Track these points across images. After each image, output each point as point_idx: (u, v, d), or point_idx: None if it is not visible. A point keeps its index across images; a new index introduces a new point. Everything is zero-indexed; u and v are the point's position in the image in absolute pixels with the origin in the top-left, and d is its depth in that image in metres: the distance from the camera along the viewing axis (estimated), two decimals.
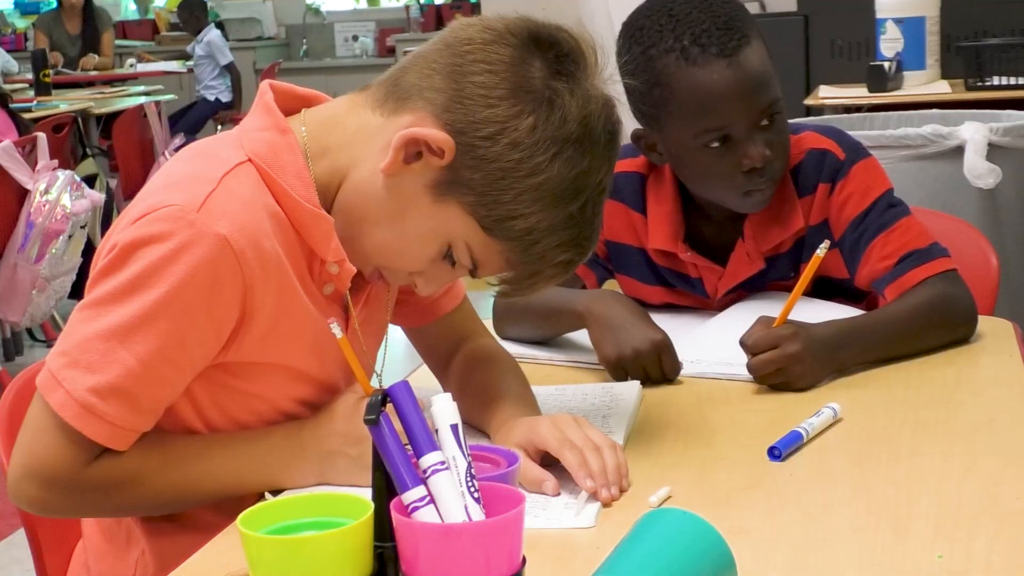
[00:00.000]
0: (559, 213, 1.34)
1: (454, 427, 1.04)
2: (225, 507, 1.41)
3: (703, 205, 1.96)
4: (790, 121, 2.03)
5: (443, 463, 1.02)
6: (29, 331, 5.76)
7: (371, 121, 1.40)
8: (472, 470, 1.03)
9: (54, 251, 5.04)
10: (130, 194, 6.39)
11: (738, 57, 1.78)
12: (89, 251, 5.32)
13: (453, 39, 1.37)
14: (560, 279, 1.43)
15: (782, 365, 1.68)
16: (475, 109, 1.32)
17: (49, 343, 5.68)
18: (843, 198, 1.90)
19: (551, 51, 1.35)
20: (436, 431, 1.04)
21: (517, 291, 1.43)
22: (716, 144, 1.82)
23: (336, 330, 1.34)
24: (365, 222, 1.40)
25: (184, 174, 1.38)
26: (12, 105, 6.21)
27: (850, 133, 3.12)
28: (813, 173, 1.92)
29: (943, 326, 1.83)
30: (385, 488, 1.03)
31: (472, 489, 1.02)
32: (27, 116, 6.01)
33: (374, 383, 1.55)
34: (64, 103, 7.02)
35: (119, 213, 4.97)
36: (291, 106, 1.47)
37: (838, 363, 1.73)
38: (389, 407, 1.04)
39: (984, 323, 1.94)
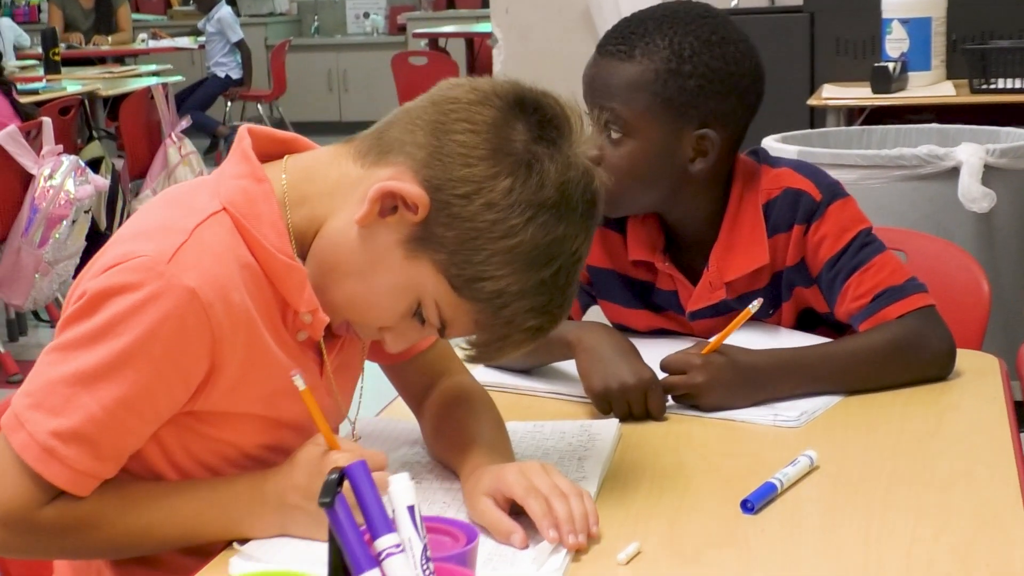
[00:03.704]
0: (530, 278, 1.34)
1: (411, 509, 1.03)
2: (196, 549, 1.41)
3: (674, 228, 1.97)
4: (786, 139, 2.02)
5: (398, 546, 1.02)
6: (35, 312, 5.77)
7: (351, 172, 1.40)
8: (428, 552, 1.02)
9: (57, 236, 5.05)
10: (136, 175, 6.40)
11: (602, 59, 1.88)
12: (93, 235, 5.33)
13: (440, 97, 1.38)
14: (528, 346, 1.42)
15: (688, 391, 1.76)
16: (453, 167, 1.32)
17: (52, 323, 5.69)
18: (818, 239, 1.90)
19: (535, 115, 1.35)
20: (393, 511, 1.04)
21: (484, 355, 1.43)
22: None
23: (299, 382, 1.33)
24: (337, 272, 1.40)
25: (157, 222, 1.38)
26: (22, 86, 6.23)
27: (846, 152, 3.13)
28: (788, 212, 1.91)
29: (907, 364, 1.83)
30: (341, 569, 1.02)
31: (427, 572, 1.02)
32: (34, 99, 6.02)
33: (346, 429, 1.55)
34: (73, 83, 7.01)
35: (124, 196, 4.94)
36: (270, 150, 1.47)
37: (768, 392, 1.78)
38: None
39: (970, 359, 1.93)
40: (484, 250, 1.32)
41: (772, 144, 3.20)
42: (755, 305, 1.76)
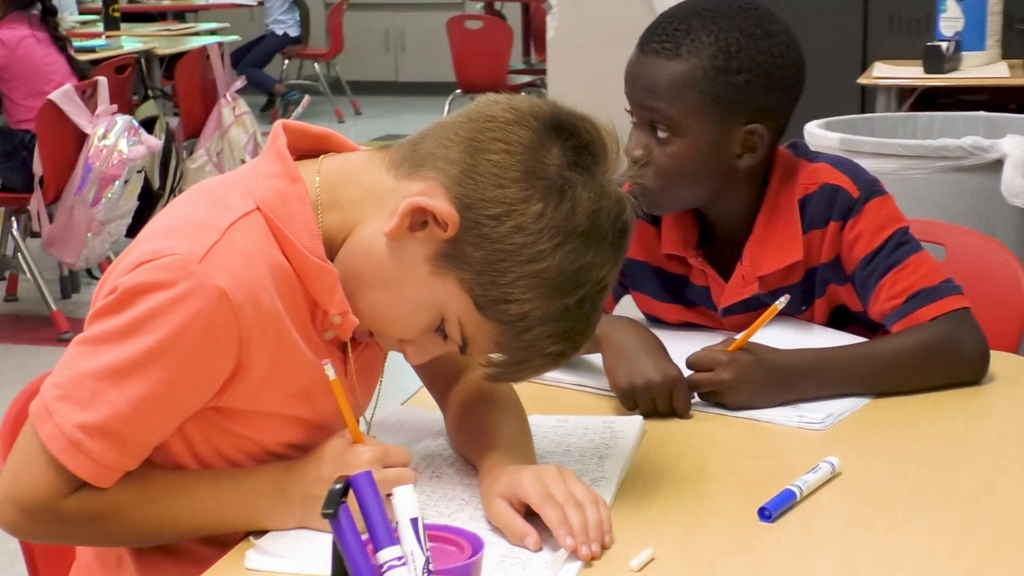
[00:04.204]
0: (555, 304, 1.34)
1: (414, 521, 1.04)
2: (216, 540, 1.43)
3: (711, 222, 1.96)
4: (830, 126, 1.99)
5: (400, 558, 1.03)
6: (88, 270, 5.83)
7: (384, 181, 1.40)
8: (430, 565, 1.03)
9: (110, 196, 5.10)
10: (190, 134, 6.43)
11: (644, 57, 1.85)
12: (146, 194, 5.37)
13: (477, 114, 1.37)
14: (549, 370, 1.43)
15: (713, 388, 1.75)
16: (485, 187, 1.33)
17: None
18: (854, 236, 1.88)
19: (571, 140, 1.34)
20: (396, 523, 1.04)
21: (504, 376, 1.43)
22: (630, 113, 1.90)
23: (330, 371, 1.35)
24: (362, 282, 1.41)
25: (191, 219, 1.39)
26: (81, 43, 6.28)
27: (888, 141, 3.09)
28: (824, 209, 1.90)
29: (938, 367, 1.81)
30: None
31: None
32: (92, 57, 6.06)
33: (362, 427, 1.56)
34: (131, 40, 7.04)
35: (177, 156, 4.99)
36: (304, 145, 1.48)
37: (795, 392, 1.77)
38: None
39: (1004, 362, 1.90)
40: (510, 272, 1.32)
41: (815, 130, 3.16)
42: (782, 301, 1.74)
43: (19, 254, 5.30)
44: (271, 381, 1.39)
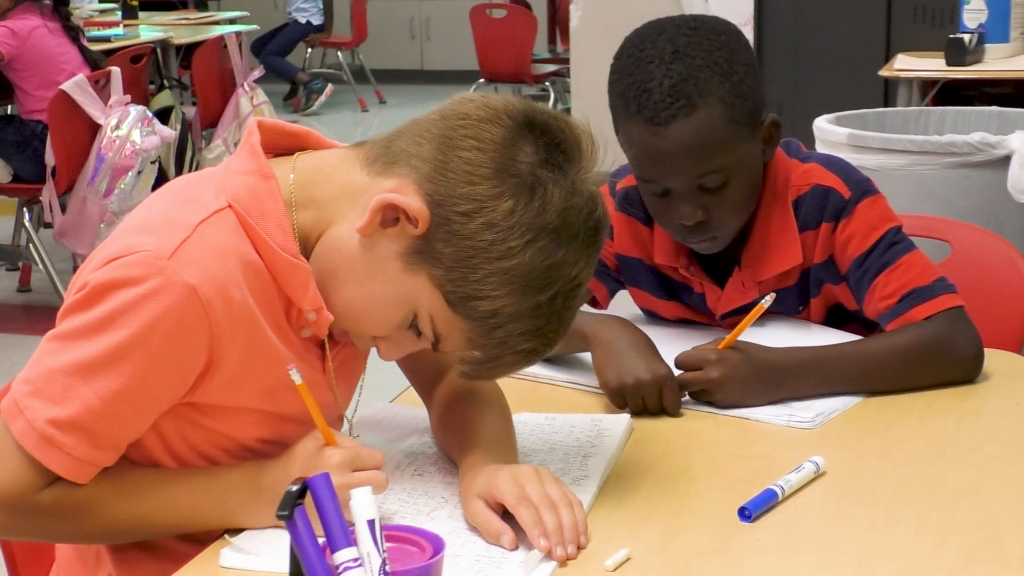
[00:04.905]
0: (526, 301, 1.33)
1: (371, 523, 1.03)
2: (193, 537, 1.43)
3: None
4: (840, 120, 1.96)
5: (356, 560, 1.02)
6: None
7: (357, 179, 1.40)
8: (387, 567, 1.02)
9: (123, 186, 5.10)
10: (208, 124, 6.43)
11: (667, 128, 1.74)
12: (161, 185, 5.36)
13: (450, 112, 1.37)
14: (522, 367, 1.42)
15: (703, 387, 1.73)
16: (457, 183, 1.32)
17: None
18: (846, 236, 1.86)
19: (543, 138, 1.34)
20: (353, 525, 1.04)
21: (477, 373, 1.42)
22: (658, 193, 1.81)
23: (295, 376, 1.34)
24: (335, 279, 1.40)
25: (162, 216, 1.38)
26: (98, 32, 6.28)
27: (896, 137, 3.06)
28: (816, 210, 1.88)
29: (931, 366, 1.79)
30: None
31: None
32: (107, 46, 6.06)
33: (344, 427, 1.56)
34: (149, 29, 7.04)
35: (193, 146, 4.95)
36: (280, 143, 1.48)
37: (786, 390, 1.75)
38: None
39: (1000, 360, 1.88)
40: (481, 269, 1.32)
41: (824, 125, 3.13)
42: (768, 300, 1.73)
43: (31, 245, 5.30)
44: (244, 377, 1.39)
